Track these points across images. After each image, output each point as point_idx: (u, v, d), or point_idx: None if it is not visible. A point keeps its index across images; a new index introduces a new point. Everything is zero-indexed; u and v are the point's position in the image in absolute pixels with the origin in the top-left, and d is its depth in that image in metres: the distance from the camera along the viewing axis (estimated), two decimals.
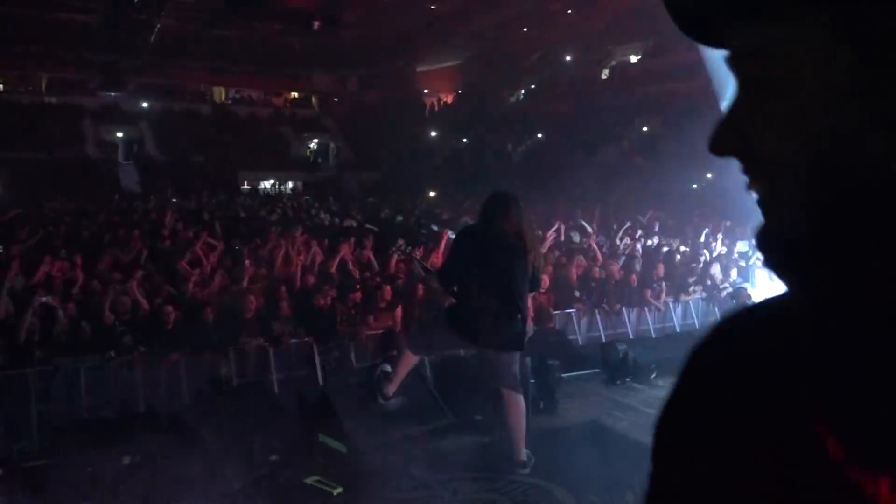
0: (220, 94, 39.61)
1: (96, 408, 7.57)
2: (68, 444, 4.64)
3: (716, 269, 11.41)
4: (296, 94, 41.88)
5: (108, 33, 32.70)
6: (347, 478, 4.50)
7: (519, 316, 4.57)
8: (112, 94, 35.16)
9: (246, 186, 31.90)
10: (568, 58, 37.24)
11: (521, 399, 4.69)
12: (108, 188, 27.80)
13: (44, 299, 7.89)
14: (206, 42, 35.52)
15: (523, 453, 4.60)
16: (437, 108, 41.45)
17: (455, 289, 4.65)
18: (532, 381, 5.93)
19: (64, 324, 7.76)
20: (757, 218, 0.55)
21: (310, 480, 4.41)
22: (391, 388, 5.02)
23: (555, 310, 9.44)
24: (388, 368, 5.11)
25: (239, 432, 4.59)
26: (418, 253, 9.80)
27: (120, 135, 34.08)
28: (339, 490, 4.27)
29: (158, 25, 32.91)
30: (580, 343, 9.55)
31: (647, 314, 10.59)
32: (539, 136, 33.38)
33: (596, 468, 4.64)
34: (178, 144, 33.16)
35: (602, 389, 6.59)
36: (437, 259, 9.89)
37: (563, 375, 6.23)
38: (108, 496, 4.31)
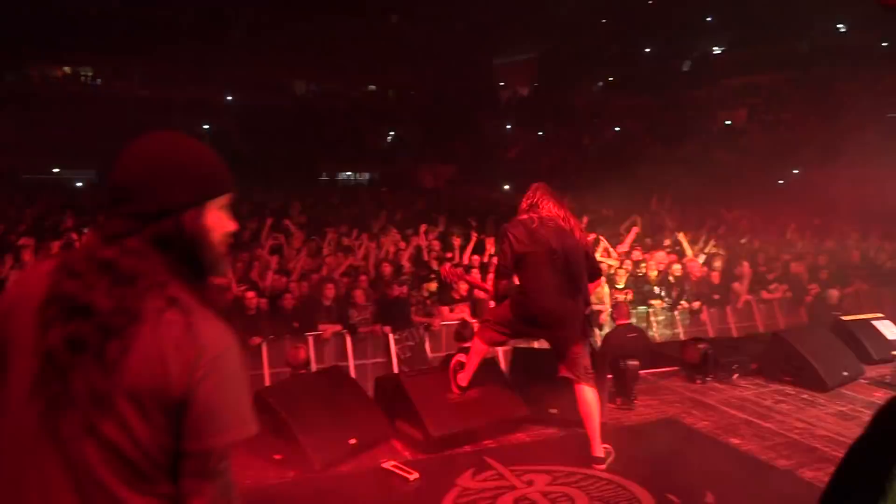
0: (300, 87, 40.48)
1: None
2: None
3: (800, 269, 10.96)
4: (373, 87, 42.40)
5: (196, 28, 33.89)
6: (422, 464, 4.55)
7: (581, 301, 4.52)
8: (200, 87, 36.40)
9: (324, 177, 32.52)
10: (648, 49, 36.38)
11: (592, 392, 4.63)
12: None
13: None
14: (289, 37, 36.28)
15: (600, 448, 4.54)
16: (512, 101, 41.20)
17: (514, 280, 4.64)
18: (609, 376, 5.86)
19: None
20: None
21: (387, 465, 4.48)
22: (465, 379, 5.04)
23: (632, 307, 9.26)
24: (463, 359, 5.13)
25: (318, 416, 4.69)
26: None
27: (206, 127, 35.31)
28: (416, 476, 4.32)
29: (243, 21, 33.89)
30: (658, 340, 9.37)
31: (729, 313, 10.28)
32: (616, 129, 32.76)
33: (674, 467, 4.55)
34: (260, 137, 34.12)
35: (681, 388, 6.43)
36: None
37: (641, 372, 6.09)
38: None
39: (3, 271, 8.57)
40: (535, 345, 7.05)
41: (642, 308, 9.77)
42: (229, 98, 37.33)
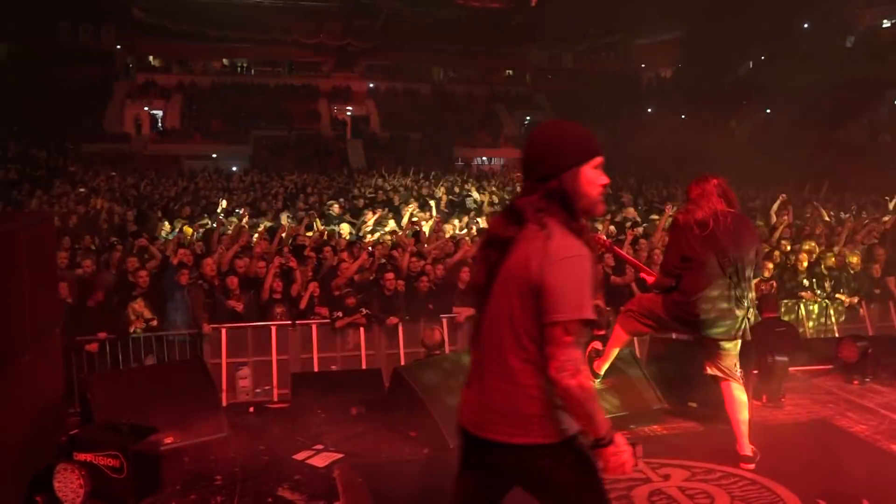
0: (438, 73, 41.05)
1: (326, 361, 8.33)
2: (303, 391, 5.11)
3: None
4: (510, 72, 42.26)
5: (341, 18, 35.17)
6: None
7: (743, 305, 4.28)
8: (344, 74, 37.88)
9: (460, 162, 32.87)
10: (806, 24, 33.79)
11: (741, 389, 4.41)
12: (338, 162, 30.13)
13: (284, 261, 8.76)
14: (427, 23, 36.84)
15: (747, 447, 4.31)
16: (655, 83, 39.71)
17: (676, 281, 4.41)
18: (755, 371, 5.56)
19: (300, 284, 8.55)
20: None
21: None
22: (602, 366, 4.94)
23: (781, 298, 8.73)
24: (600, 346, 5.03)
25: (452, 395, 4.77)
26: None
27: (349, 113, 36.69)
28: None
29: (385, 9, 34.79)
30: (808, 336, 8.78)
31: (892, 309, 9.43)
32: (767, 111, 30.79)
33: (826, 471, 4.26)
34: (399, 122, 35.00)
35: (835, 388, 5.99)
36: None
37: (791, 370, 5.73)
38: (339, 439, 4.71)
39: (170, 247, 9.35)
40: (674, 335, 6.81)
41: (788, 301, 9.17)
42: (371, 85, 38.49)
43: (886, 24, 31.38)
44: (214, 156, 30.99)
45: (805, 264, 9.66)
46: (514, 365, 2.12)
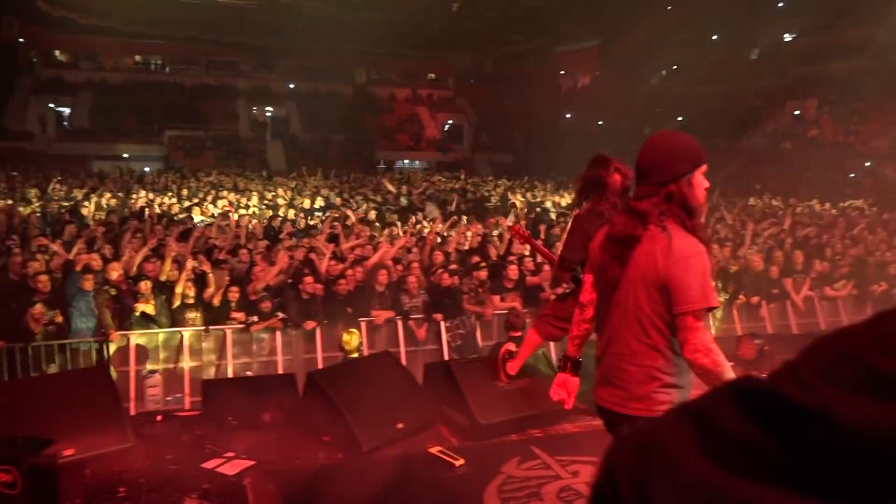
0: (360, 74, 40.83)
1: (241, 367, 8.15)
2: (215, 398, 5.00)
3: (870, 266, 10.55)
4: (433, 75, 42.45)
5: (262, 18, 34.47)
6: (468, 451, 4.58)
7: None
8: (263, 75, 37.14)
9: (382, 165, 32.79)
10: (715, 37, 35.36)
11: None
12: (257, 164, 29.53)
13: (196, 265, 8.53)
14: (350, 25, 36.61)
15: None
16: (573, 90, 40.66)
17: (577, 272, 4.50)
18: None
19: (213, 289, 8.33)
20: None
21: (433, 450, 4.52)
22: (514, 368, 5.02)
23: None
24: (513, 348, 5.11)
25: (367, 400, 4.77)
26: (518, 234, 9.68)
27: (269, 114, 36.02)
28: (461, 462, 4.35)
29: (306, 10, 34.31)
30: (713, 335, 9.17)
31: (789, 309, 9.98)
32: (679, 119, 32.01)
33: None
34: (320, 124, 34.59)
35: None
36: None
37: None
38: (252, 446, 4.62)
39: (73, 252, 8.95)
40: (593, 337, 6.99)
41: None
42: (291, 86, 37.92)
43: (788, 38, 33.18)
44: (126, 156, 29.86)
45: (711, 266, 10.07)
46: (636, 349, 2.45)
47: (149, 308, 7.96)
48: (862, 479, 0.55)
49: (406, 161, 34.95)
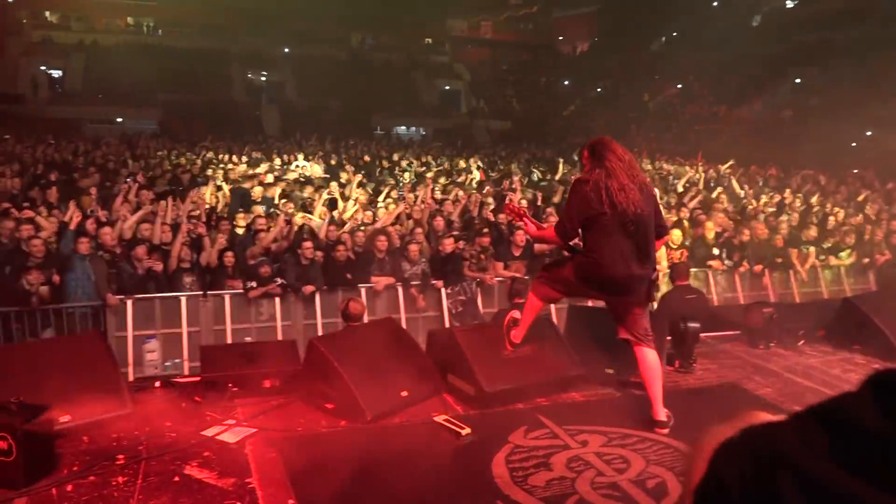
0: (357, 39, 40.18)
1: (240, 332, 8.04)
2: (214, 364, 4.87)
3: (876, 234, 10.45)
4: (430, 40, 41.82)
5: None
6: (474, 420, 4.48)
7: (646, 263, 4.29)
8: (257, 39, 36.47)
9: (379, 131, 32.40)
10: (715, 3, 34.82)
11: (654, 354, 4.46)
12: (253, 130, 29.10)
13: (192, 227, 8.36)
14: None
15: (661, 412, 4.37)
16: (572, 56, 40.16)
17: (577, 240, 4.39)
18: (668, 338, 5.67)
19: (210, 253, 8.18)
20: None
21: (439, 419, 4.42)
22: (519, 336, 4.92)
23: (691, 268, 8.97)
24: (518, 315, 5.00)
25: (372, 367, 4.65)
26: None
27: (264, 79, 35.45)
28: (467, 431, 4.25)
29: None
30: (716, 304, 9.09)
31: (792, 277, 9.89)
32: (679, 86, 31.67)
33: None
34: (316, 89, 34.06)
35: (742, 353, 6.19)
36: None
37: (700, 335, 5.88)
38: (252, 413, 4.51)
39: (68, 214, 8.76)
40: (591, 302, 6.88)
41: (698, 269, 9.47)
42: (286, 50, 37.30)
43: (790, 4, 32.70)
44: (119, 120, 29.42)
45: (712, 235, 9.98)
46: None
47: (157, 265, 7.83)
48: None
49: (402, 127, 34.55)
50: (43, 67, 31.71)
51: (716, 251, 9.86)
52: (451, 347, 4.93)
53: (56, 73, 32.10)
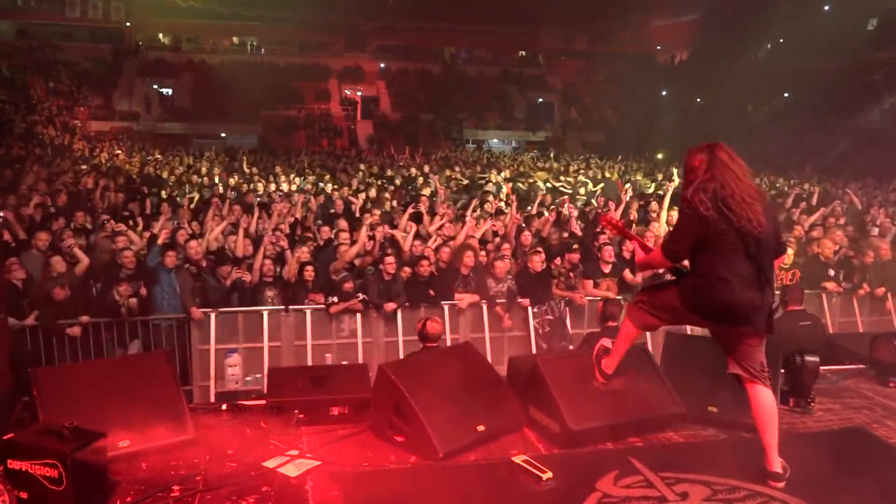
0: (450, 53, 40.31)
1: (320, 348, 7.83)
2: (281, 388, 4.60)
3: None
4: (523, 53, 41.40)
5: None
6: (558, 461, 3.99)
7: (767, 289, 3.70)
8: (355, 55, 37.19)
9: (471, 144, 32.24)
10: (826, 6, 32.73)
11: (769, 394, 3.85)
12: (347, 143, 29.57)
13: (273, 241, 8.24)
14: (440, 3, 36.07)
15: (776, 461, 3.75)
16: (670, 66, 38.76)
17: (685, 262, 3.84)
18: (782, 371, 5.00)
19: (291, 265, 8.04)
20: None
21: (518, 459, 3.96)
22: (611, 366, 4.40)
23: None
24: (609, 344, 4.48)
25: (446, 398, 4.25)
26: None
27: (359, 94, 36.04)
28: (549, 475, 3.77)
29: None
30: (832, 331, 8.20)
31: None
32: (785, 95, 29.91)
33: (864, 489, 3.70)
34: (410, 103, 34.33)
35: (870, 391, 5.41)
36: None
37: (820, 369, 5.15)
38: (317, 443, 4.21)
39: (157, 226, 8.85)
40: (689, 329, 6.24)
41: (811, 292, 8.59)
42: (382, 65, 37.81)
43: None
44: (224, 135, 30.55)
45: (829, 253, 9.09)
46: None
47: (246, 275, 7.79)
48: None
49: (495, 140, 34.27)
50: (155, 86, 33.35)
51: (831, 272, 8.97)
52: (533, 377, 4.46)
53: (167, 92, 33.69)
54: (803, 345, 5.32)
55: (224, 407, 4.68)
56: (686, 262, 3.86)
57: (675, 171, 17.11)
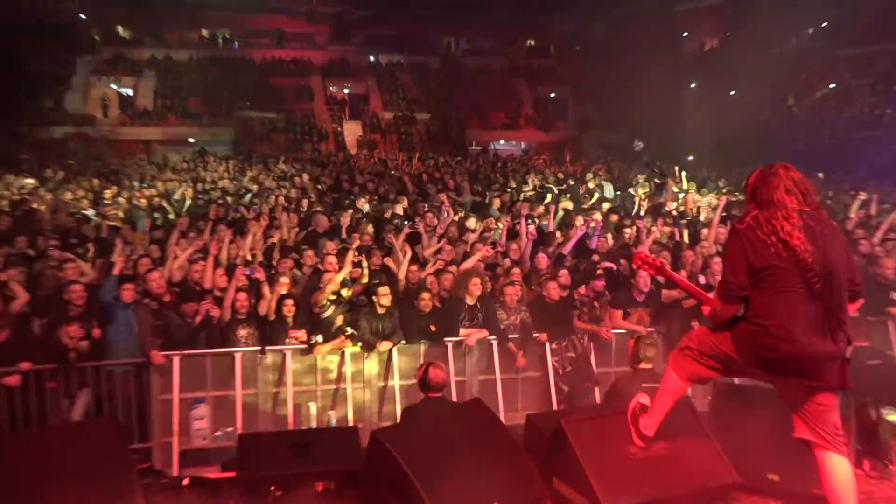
0: (449, 44, 40.39)
1: (303, 395, 7.61)
2: (254, 458, 4.38)
3: None
4: (532, 42, 41.47)
5: None
6: None
7: (839, 334, 3.50)
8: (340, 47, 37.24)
9: (475, 147, 32.16)
10: None
11: (846, 463, 3.64)
12: (334, 147, 29.50)
13: (248, 272, 8.04)
14: None
15: None
16: (699, 55, 38.83)
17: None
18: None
19: (268, 300, 7.82)
20: None
21: None
22: (651, 427, 4.17)
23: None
24: (646, 400, 4.26)
25: (453, 469, 4.02)
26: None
27: (346, 91, 36.05)
28: None
29: None
30: None
31: None
32: (831, 86, 29.90)
33: None
34: (404, 101, 34.31)
35: None
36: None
37: None
38: None
39: (114, 255, 8.64)
40: (737, 380, 6.00)
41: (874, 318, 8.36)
42: (371, 59, 37.87)
43: None
44: (192, 140, 30.49)
45: (892, 273, 8.89)
46: None
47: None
48: None
49: (502, 141, 34.23)
50: (113, 86, 33.33)
51: (894, 295, 8.77)
52: (557, 442, 4.24)
53: (126, 92, 33.65)
54: (875, 390, 5.11)
55: (185, 482, 4.44)
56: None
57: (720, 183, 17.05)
